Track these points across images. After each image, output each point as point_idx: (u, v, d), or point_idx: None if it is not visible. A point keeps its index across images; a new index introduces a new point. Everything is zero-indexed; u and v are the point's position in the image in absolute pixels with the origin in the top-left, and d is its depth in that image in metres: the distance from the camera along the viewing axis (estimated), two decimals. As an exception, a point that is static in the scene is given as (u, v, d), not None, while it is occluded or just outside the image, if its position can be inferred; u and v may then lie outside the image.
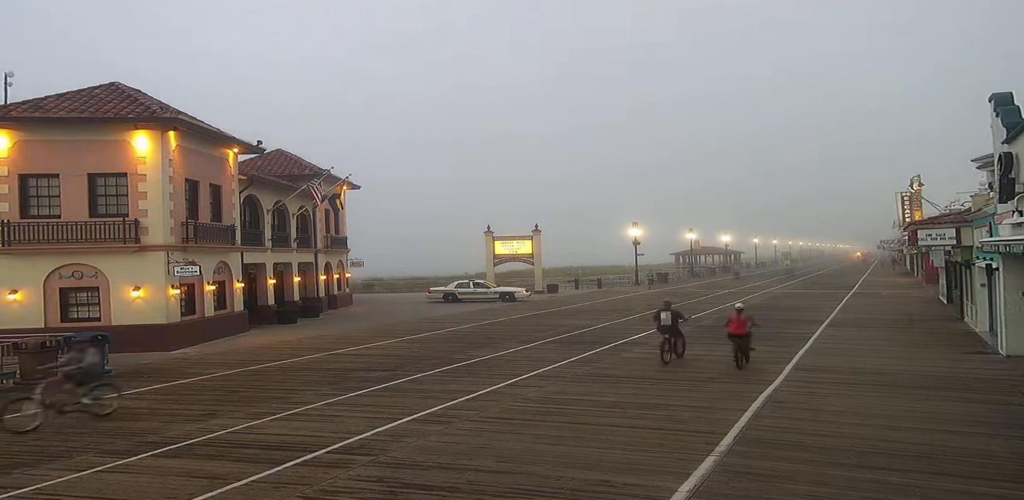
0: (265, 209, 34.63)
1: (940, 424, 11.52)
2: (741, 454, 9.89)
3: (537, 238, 55.90)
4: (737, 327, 17.20)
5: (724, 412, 12.43)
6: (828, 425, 11.50)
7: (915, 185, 54.10)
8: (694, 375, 16.51)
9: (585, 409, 13.03)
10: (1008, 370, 16.54)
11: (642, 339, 23.54)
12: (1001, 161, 16.76)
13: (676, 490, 8.39)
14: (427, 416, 12.68)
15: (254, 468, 9.65)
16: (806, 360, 18.43)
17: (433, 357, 20.33)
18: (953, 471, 9.03)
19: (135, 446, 11.09)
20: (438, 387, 15.62)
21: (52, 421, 12.65)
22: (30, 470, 9.95)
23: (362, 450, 10.49)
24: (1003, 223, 17.74)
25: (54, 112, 24.08)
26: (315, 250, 40.97)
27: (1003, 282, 18.49)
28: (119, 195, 24.55)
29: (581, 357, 19.65)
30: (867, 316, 30.14)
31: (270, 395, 15.24)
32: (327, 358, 21.23)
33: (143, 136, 24.39)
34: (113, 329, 22.06)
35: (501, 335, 25.82)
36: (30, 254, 23.78)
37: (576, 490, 8.50)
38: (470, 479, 9.03)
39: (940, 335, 23.46)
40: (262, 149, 32.16)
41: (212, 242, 27.54)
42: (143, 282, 24.22)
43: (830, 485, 8.52)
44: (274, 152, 43.31)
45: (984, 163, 31.12)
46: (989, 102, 18.91)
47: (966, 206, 34.76)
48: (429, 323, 31.59)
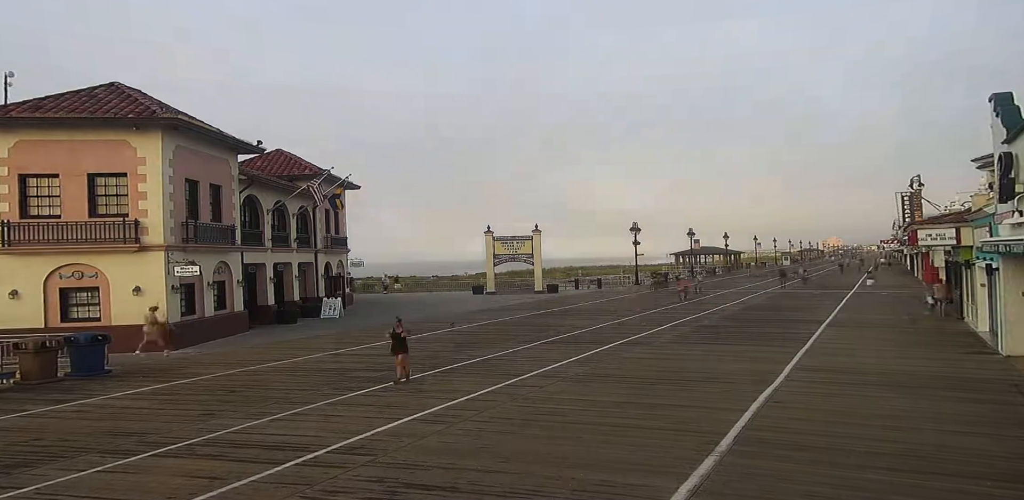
0: (265, 209, 34.63)
1: (940, 424, 11.51)
2: (741, 454, 9.88)
3: (537, 238, 55.93)
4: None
5: (724, 412, 12.42)
6: (828, 425, 11.49)
7: (915, 185, 54.13)
8: (694, 375, 16.52)
9: (585, 409, 13.03)
10: (1008, 370, 16.54)
11: (642, 339, 23.54)
12: (1001, 161, 16.76)
13: (676, 490, 8.38)
14: (427, 416, 12.67)
15: (254, 468, 9.64)
16: (806, 360, 18.43)
17: (433, 357, 20.33)
18: (953, 471, 9.03)
19: (135, 446, 11.09)
20: (437, 387, 15.62)
21: (52, 420, 12.64)
22: (30, 470, 9.94)
23: (362, 450, 10.48)
24: (1003, 223, 17.74)
25: (54, 112, 24.09)
26: (315, 250, 40.97)
27: (1003, 282, 18.49)
28: (119, 195, 24.56)
29: (581, 357, 19.65)
30: (867, 316, 30.13)
31: (270, 395, 15.23)
32: (327, 358, 21.23)
33: (143, 136, 24.39)
34: (113, 329, 22.07)
35: (500, 336, 25.82)
36: (30, 254, 23.78)
37: (576, 490, 8.49)
38: (470, 479, 9.02)
39: (940, 335, 23.46)
40: (262, 149, 32.17)
41: (212, 242, 27.54)
42: (143, 282, 24.22)
43: (830, 485, 8.51)
44: (274, 152, 43.33)
45: (984, 163, 31.10)
46: (989, 102, 18.91)
47: (966, 206, 34.78)
48: (433, 323, 31.60)
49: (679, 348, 21.43)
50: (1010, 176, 16.50)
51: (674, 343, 22.56)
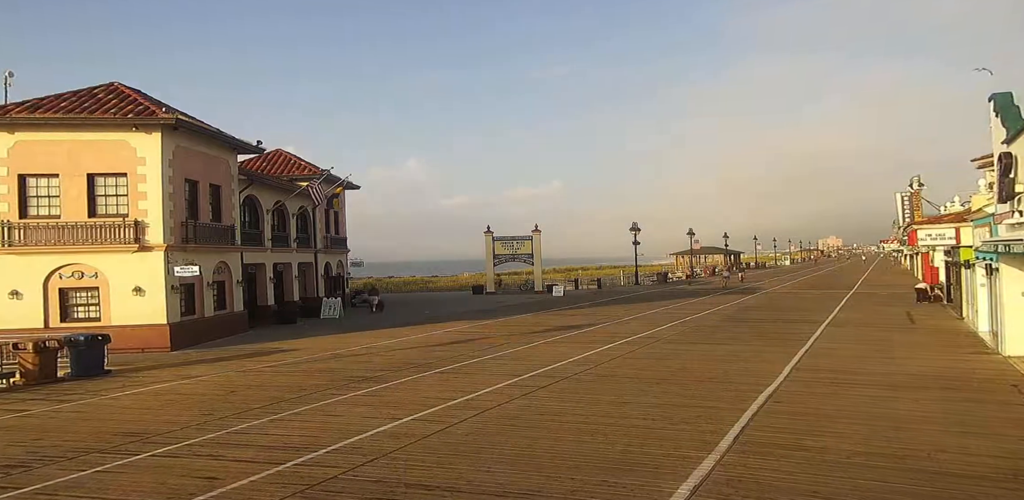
0: (265, 209, 34.62)
1: (940, 424, 11.51)
2: (741, 454, 9.88)
3: (537, 238, 55.88)
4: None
5: (724, 412, 12.43)
6: (828, 425, 11.49)
7: (915, 185, 54.15)
8: (694, 375, 16.52)
9: (585, 408, 13.03)
10: (1008, 370, 16.54)
11: (641, 339, 23.55)
12: (1001, 161, 16.76)
13: (676, 490, 8.39)
14: (427, 416, 12.67)
15: (254, 468, 9.64)
16: (806, 360, 18.43)
17: (433, 357, 20.33)
18: (953, 471, 9.02)
19: (135, 446, 11.09)
20: (437, 386, 15.62)
21: (52, 420, 12.65)
22: (30, 470, 9.95)
23: (362, 450, 10.48)
24: (1003, 223, 17.76)
25: (54, 112, 24.09)
26: (315, 250, 40.97)
27: (1003, 282, 18.49)
28: (119, 195, 24.55)
29: (581, 356, 19.65)
30: (867, 316, 30.13)
31: (270, 395, 15.23)
32: (325, 358, 21.24)
33: (143, 136, 24.38)
34: (113, 329, 22.07)
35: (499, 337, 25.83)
36: (30, 254, 23.78)
37: (576, 490, 8.49)
38: (470, 479, 9.02)
39: (940, 335, 23.46)
40: (262, 149, 32.16)
41: (212, 242, 27.54)
42: (143, 282, 24.21)
43: (830, 485, 8.51)
44: (274, 152, 43.33)
45: (984, 163, 31.10)
46: (989, 102, 18.91)
47: (966, 206, 34.75)
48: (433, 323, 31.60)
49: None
50: (1010, 176, 16.50)
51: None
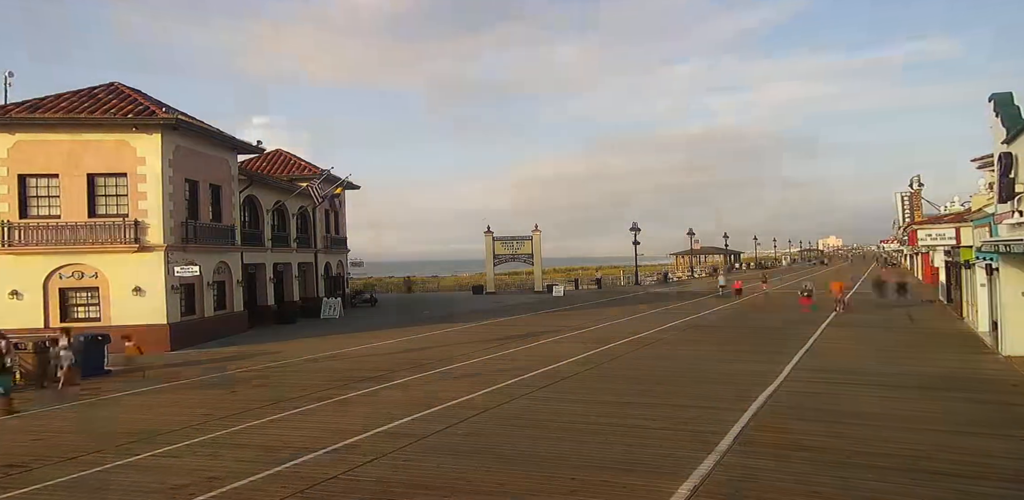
0: (265, 209, 34.60)
1: (940, 424, 11.52)
2: (741, 454, 9.88)
3: (537, 238, 55.87)
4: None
5: (724, 412, 12.43)
6: (828, 425, 11.49)
7: (915, 185, 54.18)
8: (694, 375, 16.53)
9: (585, 408, 13.03)
10: (1008, 370, 16.54)
11: (641, 339, 23.55)
12: (1001, 161, 16.76)
13: (676, 490, 8.38)
14: (427, 416, 12.67)
15: (254, 468, 9.64)
16: (806, 360, 18.44)
17: (433, 357, 20.33)
18: (953, 471, 9.02)
19: (135, 446, 11.08)
20: (437, 386, 15.62)
21: (52, 420, 12.64)
22: (30, 470, 9.95)
23: (362, 450, 10.48)
24: (1003, 223, 17.76)
25: (53, 112, 24.08)
26: (315, 250, 40.95)
27: (1003, 282, 18.49)
28: (119, 195, 24.54)
29: (582, 356, 19.65)
30: (867, 316, 30.13)
31: (270, 394, 15.23)
32: (325, 358, 21.24)
33: (143, 136, 24.37)
34: (113, 329, 22.05)
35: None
36: (30, 254, 23.77)
37: (576, 490, 8.49)
38: (470, 479, 9.02)
39: (940, 335, 23.46)
40: (262, 149, 32.15)
41: (212, 242, 27.53)
42: (143, 282, 24.20)
43: (830, 485, 8.50)
44: (274, 152, 43.30)
45: (984, 163, 31.12)
46: (989, 102, 18.91)
47: (966, 206, 34.78)
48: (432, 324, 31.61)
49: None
50: (1010, 176, 16.51)
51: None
